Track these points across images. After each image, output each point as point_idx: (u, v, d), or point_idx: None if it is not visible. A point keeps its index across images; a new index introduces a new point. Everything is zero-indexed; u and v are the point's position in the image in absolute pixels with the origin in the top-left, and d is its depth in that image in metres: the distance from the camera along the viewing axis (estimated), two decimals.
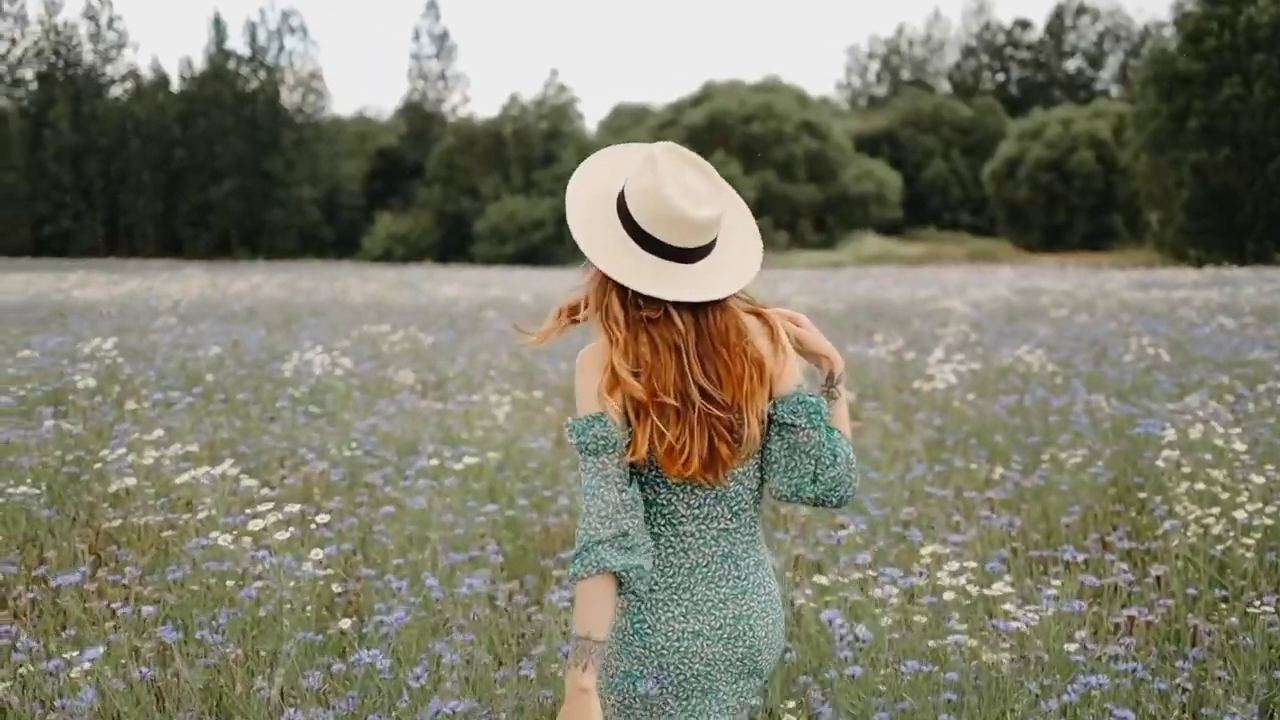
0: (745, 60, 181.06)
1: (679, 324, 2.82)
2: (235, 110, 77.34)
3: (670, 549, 2.93)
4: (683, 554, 2.93)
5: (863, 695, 4.69)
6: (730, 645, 2.93)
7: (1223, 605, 5.56)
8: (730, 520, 2.96)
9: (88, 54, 79.65)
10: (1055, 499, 7.53)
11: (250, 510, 5.79)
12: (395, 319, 20.10)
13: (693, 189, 2.82)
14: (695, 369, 2.82)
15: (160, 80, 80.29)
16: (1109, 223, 70.91)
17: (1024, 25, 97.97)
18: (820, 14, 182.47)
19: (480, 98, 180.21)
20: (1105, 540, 6.80)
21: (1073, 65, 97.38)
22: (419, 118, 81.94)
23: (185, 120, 77.16)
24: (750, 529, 3.00)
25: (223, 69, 79.03)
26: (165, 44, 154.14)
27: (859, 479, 2.98)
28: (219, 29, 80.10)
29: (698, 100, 76.14)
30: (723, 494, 2.93)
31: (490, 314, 21.64)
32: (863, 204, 74.53)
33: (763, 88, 76.74)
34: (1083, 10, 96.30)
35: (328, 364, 11.70)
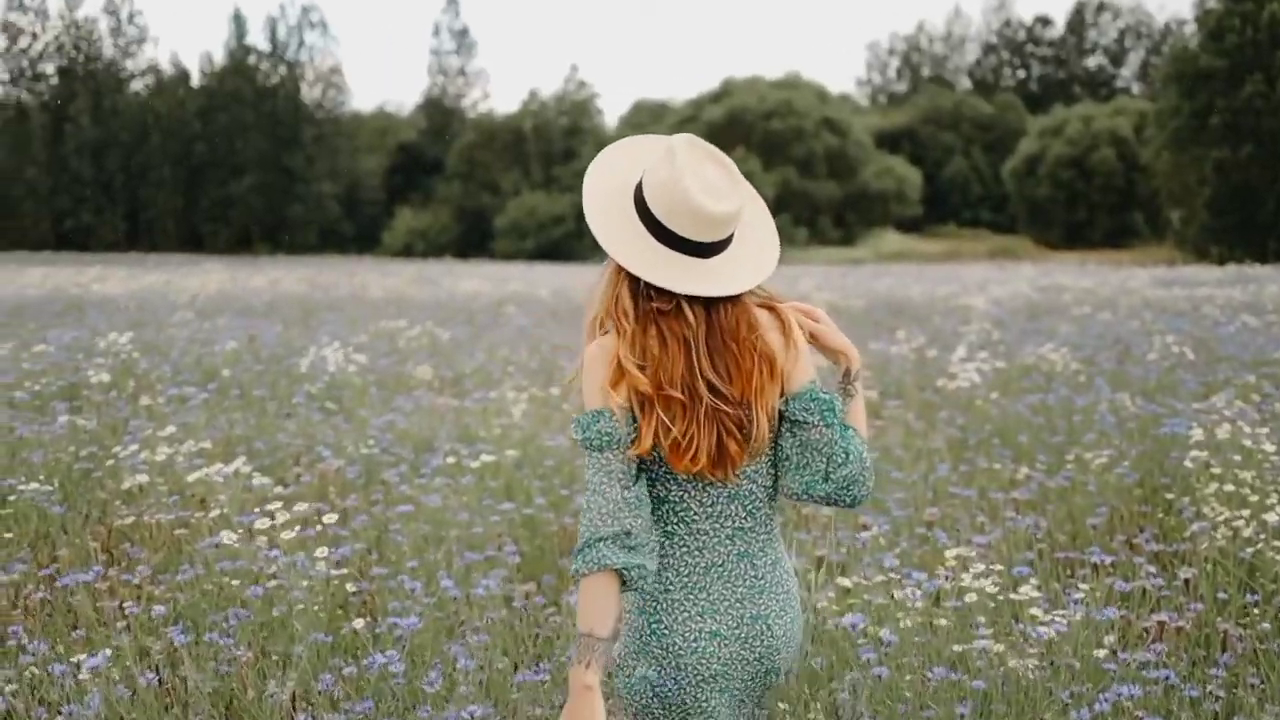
0: (765, 56, 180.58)
1: (690, 317, 2.79)
2: (255, 105, 77.41)
3: (684, 548, 2.89)
4: (697, 553, 2.89)
5: (888, 701, 4.59)
6: (748, 645, 2.89)
7: (1254, 610, 5.44)
8: (745, 519, 2.92)
9: (108, 49, 79.88)
10: (1081, 500, 7.41)
11: (259, 509, 5.71)
12: (414, 314, 20.03)
13: (712, 183, 2.79)
14: (704, 363, 2.78)
15: (181, 75, 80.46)
16: (1130, 220, 70.58)
17: (1045, 22, 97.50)
18: (840, 10, 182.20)
19: (500, 93, 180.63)
20: (1132, 542, 6.69)
21: (1093, 62, 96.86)
22: (439, 113, 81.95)
23: (206, 115, 77.26)
24: (766, 527, 2.96)
25: (243, 64, 79.12)
26: (185, 39, 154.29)
27: (874, 478, 2.92)
28: (239, 24, 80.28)
29: (717, 96, 75.95)
30: (736, 492, 2.89)
31: (510, 309, 21.55)
32: (883, 201, 74.27)
33: (783, 84, 76.54)
34: (1104, 7, 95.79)
35: (341, 360, 11.62)
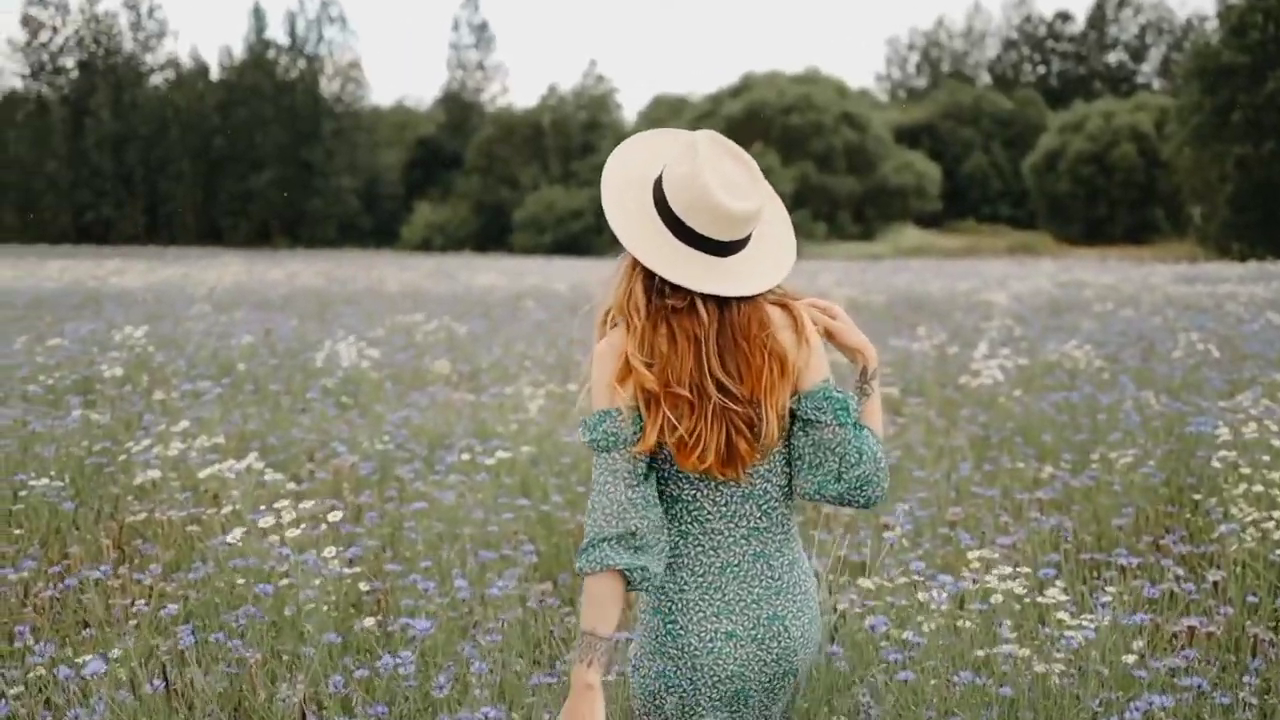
0: (785, 51, 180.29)
1: (703, 315, 2.75)
2: (275, 99, 77.48)
3: (699, 547, 2.87)
4: (712, 552, 2.87)
5: (912, 706, 4.48)
6: (764, 646, 2.86)
7: None
8: (760, 519, 2.88)
9: (128, 43, 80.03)
10: (1106, 500, 7.28)
11: (267, 506, 5.61)
12: (431, 308, 19.97)
13: (732, 180, 2.75)
14: (713, 362, 2.75)
15: (200, 69, 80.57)
16: (1150, 216, 70.23)
17: (1065, 18, 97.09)
18: (860, 5, 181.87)
19: (519, 88, 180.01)
20: (1159, 544, 6.56)
21: (1114, 58, 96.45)
22: (458, 107, 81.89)
23: (225, 109, 77.41)
24: (782, 528, 2.92)
25: (262, 58, 79.22)
26: (205, 33, 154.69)
27: (889, 479, 2.88)
28: (258, 18, 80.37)
29: (736, 91, 75.80)
30: (750, 491, 2.86)
31: (528, 304, 21.47)
32: (902, 196, 74.05)
33: (802, 79, 76.36)
34: (1124, 3, 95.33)
35: (356, 355, 11.53)
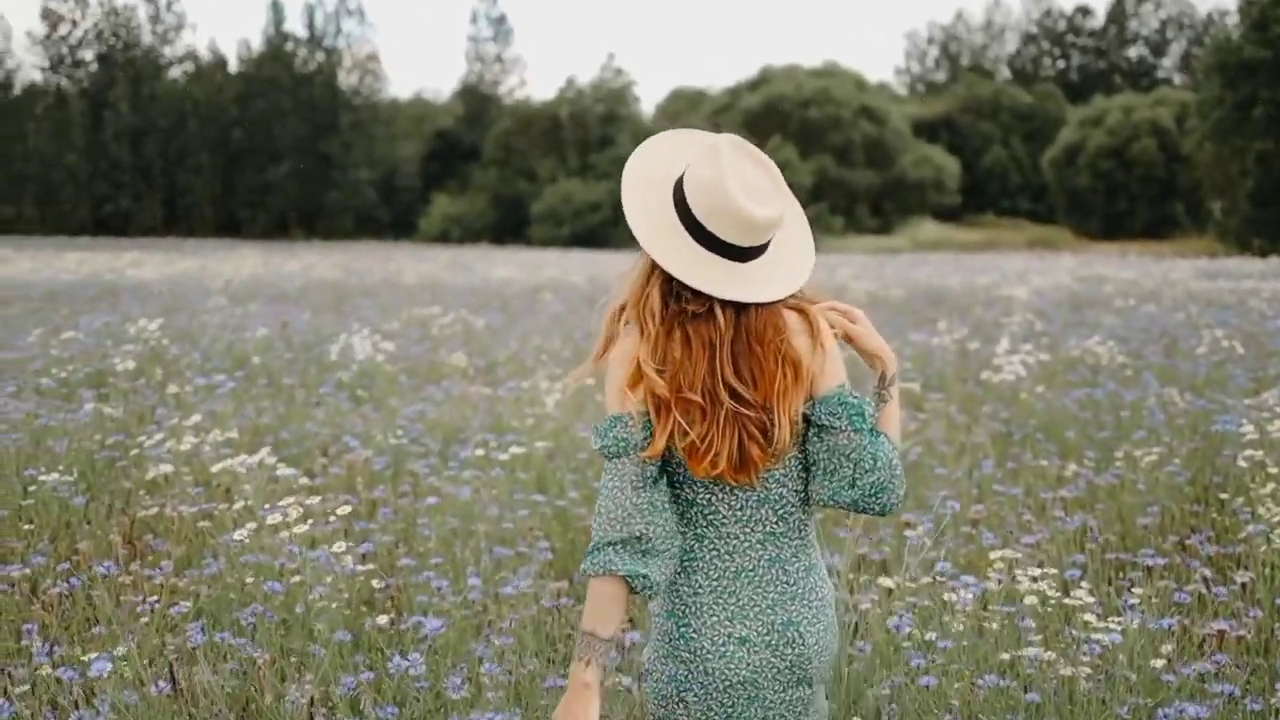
0: (803, 45, 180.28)
1: (720, 321, 2.74)
2: (293, 92, 77.67)
3: (714, 551, 2.85)
4: (727, 557, 2.84)
5: (934, 709, 4.39)
6: (778, 653, 2.83)
7: None
8: (776, 524, 2.85)
9: (147, 35, 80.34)
10: (1130, 499, 7.16)
11: (275, 503, 5.53)
12: (448, 300, 19.91)
13: (755, 187, 2.72)
14: (726, 368, 2.73)
15: (218, 62, 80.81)
16: (1170, 211, 69.98)
17: (1085, 12, 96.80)
18: None
19: (537, 81, 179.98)
20: (1185, 543, 6.45)
21: (1134, 53, 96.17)
22: (476, 100, 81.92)
23: (243, 102, 77.64)
24: (799, 533, 2.88)
25: (280, 51, 79.40)
26: (223, 26, 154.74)
27: (904, 486, 2.84)
28: (277, 11, 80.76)
29: (755, 84, 75.75)
30: (765, 496, 2.83)
31: (545, 296, 21.38)
32: (920, 190, 73.91)
33: (821, 73, 76.24)
34: None
35: (371, 348, 11.46)
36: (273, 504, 5.59)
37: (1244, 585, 5.56)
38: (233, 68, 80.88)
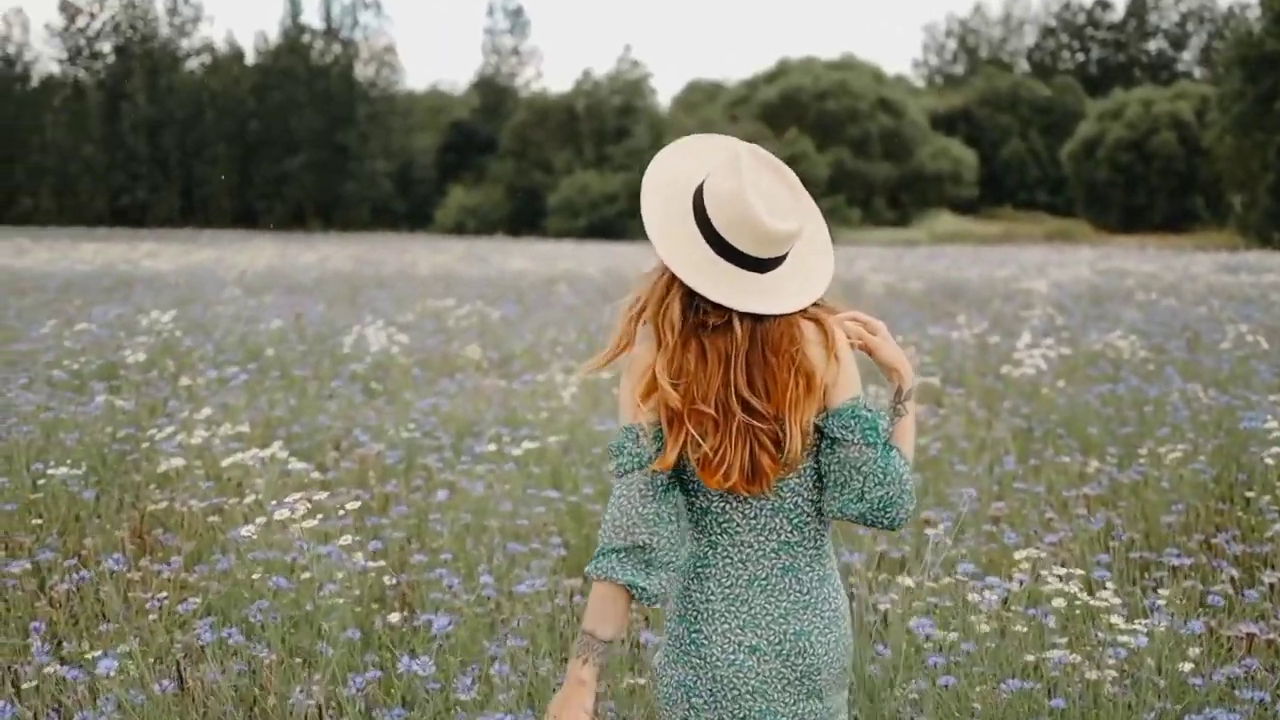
0: (821, 37, 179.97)
1: (738, 333, 2.73)
2: (309, 84, 77.71)
3: (728, 559, 2.85)
4: (740, 565, 2.84)
5: (956, 714, 4.28)
6: (789, 662, 2.82)
7: None
8: (791, 533, 2.84)
9: (164, 27, 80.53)
10: (1154, 496, 7.04)
11: (282, 499, 5.44)
12: (463, 292, 19.83)
13: (775, 199, 2.72)
14: (740, 379, 2.73)
15: (235, 54, 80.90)
16: (1190, 204, 69.69)
17: (1104, 5, 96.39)
18: None
19: (553, 73, 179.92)
20: (1210, 542, 6.33)
21: (1154, 46, 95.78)
22: (492, 92, 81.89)
23: (260, 93, 77.72)
24: (814, 543, 2.87)
25: (297, 43, 79.46)
26: (240, 18, 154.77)
27: (914, 501, 2.82)
28: (294, 3, 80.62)
29: (772, 77, 75.66)
30: (779, 505, 2.82)
31: (561, 288, 21.29)
32: (938, 182, 73.78)
33: (838, 65, 76.13)
34: None
35: (385, 340, 11.39)
36: (280, 500, 5.50)
37: (1272, 586, 5.45)
38: (249, 60, 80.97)
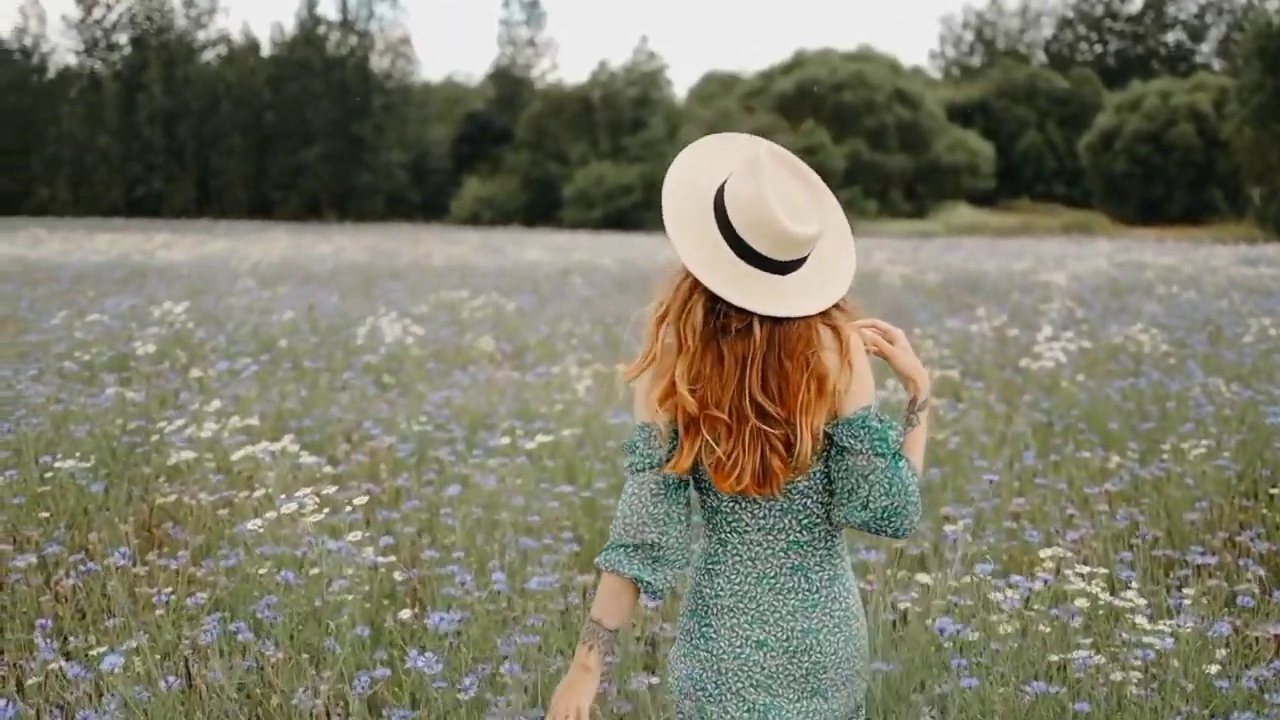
0: (837, 28, 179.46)
1: (758, 337, 2.74)
2: (325, 75, 77.70)
3: (737, 557, 2.87)
4: (749, 563, 2.87)
5: (980, 716, 4.19)
6: (795, 659, 2.84)
7: None
8: (801, 533, 2.86)
9: (180, 19, 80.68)
10: (1177, 493, 6.92)
11: (292, 492, 5.36)
12: (477, 283, 19.75)
13: (795, 202, 2.72)
14: (755, 383, 2.74)
15: (251, 45, 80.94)
16: (1208, 197, 69.29)
17: None
18: None
19: (569, 64, 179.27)
20: (1234, 540, 6.22)
21: (1172, 38, 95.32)
22: (508, 83, 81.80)
23: (276, 84, 77.72)
24: (825, 543, 2.88)
25: (313, 34, 79.43)
26: (256, 9, 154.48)
27: (919, 513, 2.82)
28: None
29: (788, 68, 75.40)
30: (789, 506, 2.84)
31: (576, 279, 21.19)
32: (955, 174, 73.49)
33: (855, 56, 75.84)
34: None
35: (399, 332, 11.31)
36: (289, 493, 5.41)
37: None
38: (265, 51, 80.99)
